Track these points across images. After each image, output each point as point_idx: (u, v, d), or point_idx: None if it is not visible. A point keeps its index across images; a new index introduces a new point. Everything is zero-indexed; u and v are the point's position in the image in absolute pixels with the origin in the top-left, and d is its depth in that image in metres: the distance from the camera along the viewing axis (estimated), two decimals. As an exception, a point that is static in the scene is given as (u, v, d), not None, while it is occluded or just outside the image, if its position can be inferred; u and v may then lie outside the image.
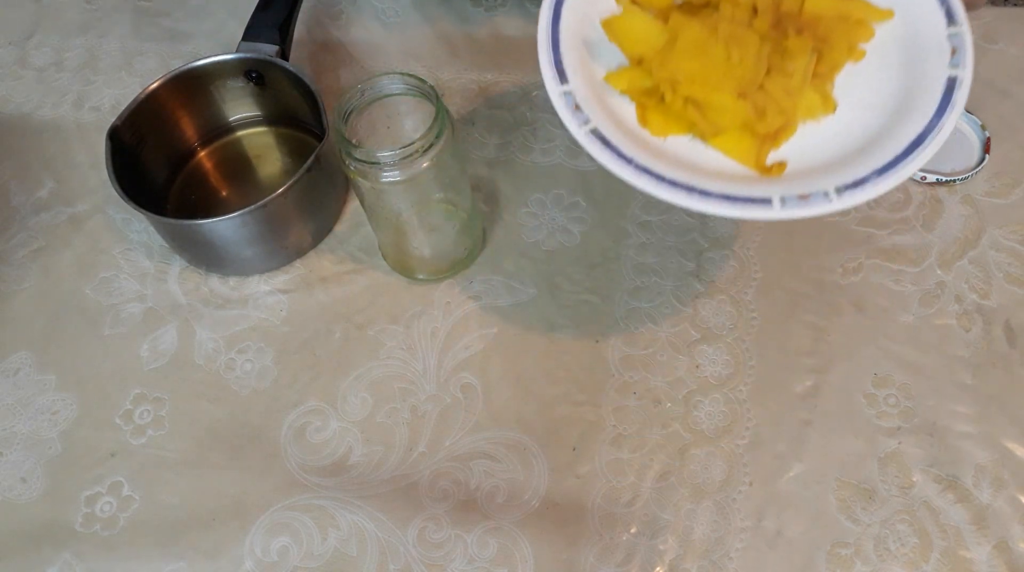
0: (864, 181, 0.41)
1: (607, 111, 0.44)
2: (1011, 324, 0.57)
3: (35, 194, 0.70)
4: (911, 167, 0.42)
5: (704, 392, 0.56)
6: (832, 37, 0.45)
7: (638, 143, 0.43)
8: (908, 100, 0.44)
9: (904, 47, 0.46)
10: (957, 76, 0.43)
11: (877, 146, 0.43)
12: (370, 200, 0.56)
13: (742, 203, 0.41)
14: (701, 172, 0.43)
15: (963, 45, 0.44)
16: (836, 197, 0.41)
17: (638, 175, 0.42)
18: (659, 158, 0.43)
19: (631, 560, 0.51)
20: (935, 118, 0.43)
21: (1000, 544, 0.50)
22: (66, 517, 0.55)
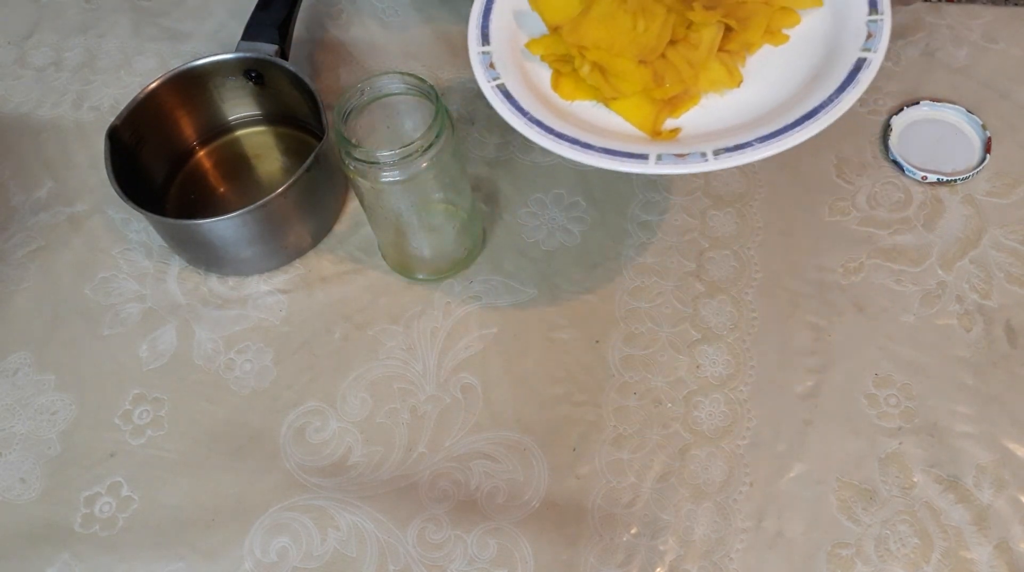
0: (745, 146, 0.42)
1: (521, 73, 0.47)
2: (1012, 324, 0.57)
3: (34, 194, 0.70)
4: (795, 138, 0.42)
5: (704, 392, 0.56)
6: (751, 18, 0.46)
7: (544, 103, 0.46)
8: (816, 79, 0.45)
9: (827, 35, 0.47)
10: (867, 58, 0.44)
11: (772, 117, 0.44)
12: (370, 200, 0.56)
13: (620, 157, 0.43)
14: (593, 130, 0.45)
15: (880, 31, 0.45)
16: (713, 158, 0.43)
17: (529, 126, 0.45)
18: (559, 117, 0.45)
19: (631, 561, 0.51)
20: (835, 94, 0.44)
21: (1001, 544, 0.50)
22: (65, 517, 0.55)
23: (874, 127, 0.66)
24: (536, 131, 0.45)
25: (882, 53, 0.45)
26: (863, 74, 0.44)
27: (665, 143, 0.45)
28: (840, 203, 0.63)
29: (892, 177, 0.64)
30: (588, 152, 0.44)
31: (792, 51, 0.48)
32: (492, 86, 0.47)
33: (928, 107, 0.66)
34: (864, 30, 0.46)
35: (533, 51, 0.50)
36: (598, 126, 0.47)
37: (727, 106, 0.47)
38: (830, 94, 0.44)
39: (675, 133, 0.46)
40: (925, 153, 0.64)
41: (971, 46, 0.70)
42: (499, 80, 0.47)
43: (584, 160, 0.44)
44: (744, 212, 0.63)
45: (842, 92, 0.44)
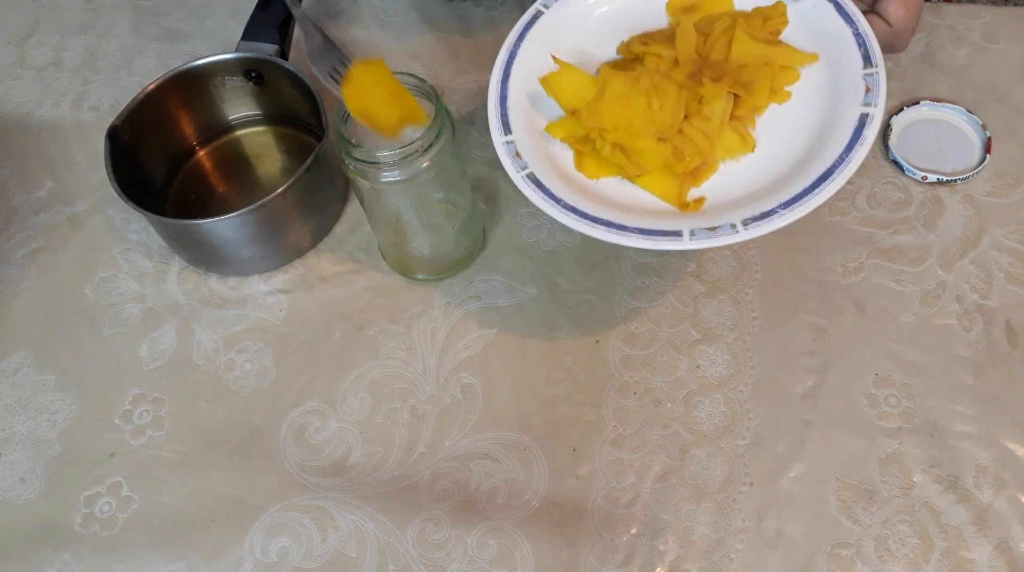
0: (771, 214, 0.45)
1: (546, 157, 0.49)
2: (1012, 324, 0.57)
3: (34, 194, 0.70)
4: (817, 200, 0.44)
5: (704, 392, 0.56)
6: (755, 82, 0.49)
7: (571, 185, 0.48)
8: (823, 136, 0.47)
9: (826, 88, 0.49)
10: (869, 113, 0.46)
11: (789, 180, 0.46)
12: (370, 200, 0.56)
13: (655, 236, 0.45)
14: (624, 209, 0.47)
15: (877, 85, 0.47)
16: (743, 229, 0.45)
17: (564, 213, 0.47)
18: (588, 198, 0.47)
19: (631, 561, 0.51)
20: (844, 153, 0.46)
21: (1001, 544, 0.50)
22: (65, 517, 0.55)
23: (874, 127, 0.66)
24: (572, 218, 0.46)
25: (882, 106, 0.46)
26: (868, 130, 0.46)
27: (695, 217, 0.46)
28: (840, 203, 0.63)
29: (892, 177, 0.64)
30: (625, 234, 0.45)
31: (795, 106, 0.49)
32: (522, 176, 0.48)
33: (928, 107, 0.66)
34: (862, 84, 0.47)
35: (553, 135, 0.51)
36: (625, 203, 0.48)
37: (745, 169, 0.48)
38: (840, 153, 0.46)
39: (700, 202, 0.48)
40: (925, 153, 0.64)
41: (971, 46, 0.70)
42: (527, 170, 0.48)
43: (622, 242, 0.45)
44: (744, 212, 0.63)
45: (851, 150, 0.45)
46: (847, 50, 0.49)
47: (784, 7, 0.52)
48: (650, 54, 0.50)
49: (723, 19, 0.51)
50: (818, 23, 0.51)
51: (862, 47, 0.49)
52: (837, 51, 0.49)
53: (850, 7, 0.50)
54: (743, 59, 0.49)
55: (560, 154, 0.50)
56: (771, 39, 0.51)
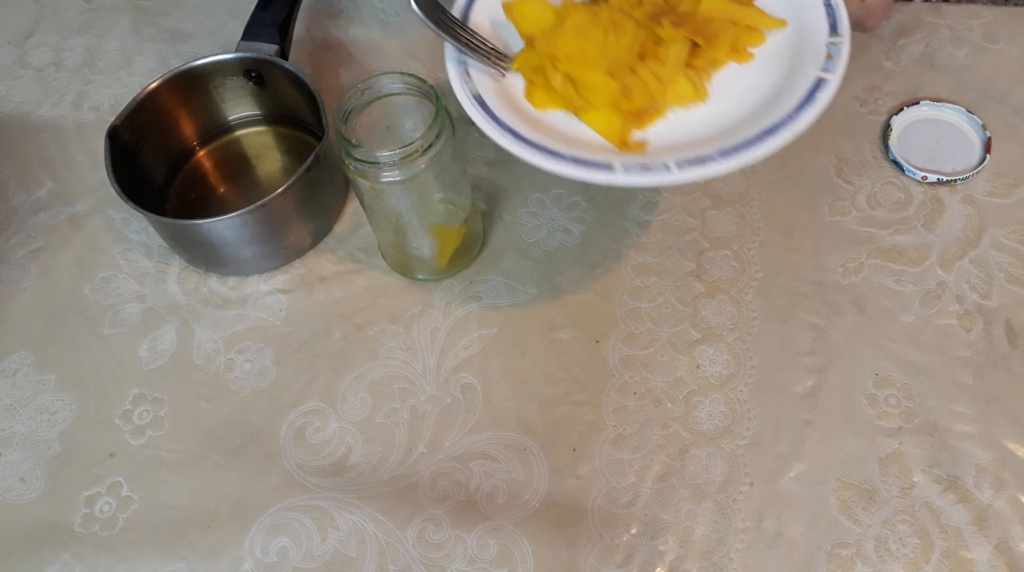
0: (707, 159, 0.44)
1: (496, 82, 0.49)
2: (1012, 324, 0.57)
3: (34, 194, 0.70)
4: (755, 153, 0.44)
5: (704, 392, 0.56)
6: (718, 37, 0.49)
7: (515, 111, 0.48)
8: (777, 96, 0.47)
9: (790, 54, 0.49)
10: (826, 79, 0.46)
11: (734, 132, 0.46)
12: (370, 200, 0.56)
13: (587, 166, 0.45)
14: (564, 141, 0.47)
15: (839, 53, 0.47)
16: (676, 170, 0.44)
17: (502, 134, 0.47)
18: (531, 126, 0.47)
19: (631, 561, 0.51)
20: (794, 112, 0.45)
21: (1001, 544, 0.50)
22: (65, 517, 0.55)
23: (874, 127, 0.66)
24: (509, 139, 0.46)
25: (840, 74, 0.46)
26: (821, 94, 0.46)
27: (631, 155, 0.46)
28: (840, 203, 0.63)
29: (892, 177, 0.64)
30: (558, 160, 0.45)
31: (756, 69, 0.50)
32: (468, 95, 0.49)
33: (928, 107, 0.66)
34: (824, 51, 0.47)
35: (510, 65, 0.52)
36: (568, 135, 0.48)
37: (693, 120, 0.48)
38: (789, 112, 0.45)
39: (642, 145, 0.48)
40: (925, 153, 0.64)
41: (971, 46, 0.70)
42: (474, 89, 0.49)
43: (553, 168, 0.45)
44: (744, 212, 0.63)
45: (801, 110, 0.45)
46: (816, 19, 0.49)
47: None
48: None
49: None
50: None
51: (831, 16, 0.49)
52: (807, 19, 0.50)
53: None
54: (711, 13, 0.50)
55: (513, 84, 0.50)
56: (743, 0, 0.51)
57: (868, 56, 0.70)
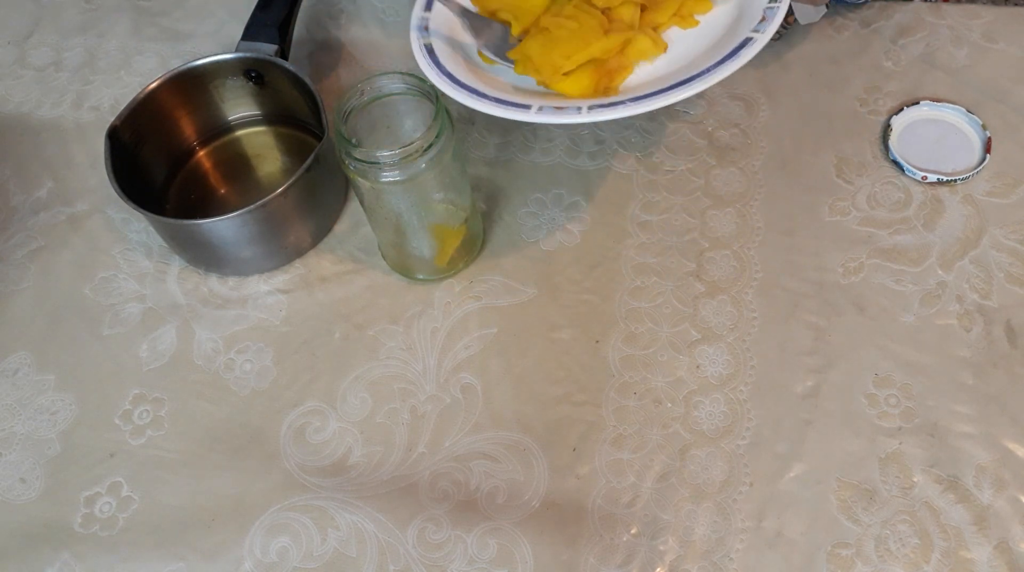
0: (616, 103, 0.47)
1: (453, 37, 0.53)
2: (1012, 324, 0.57)
3: (34, 194, 0.70)
4: (663, 100, 0.46)
5: (704, 392, 0.56)
6: (663, 3, 0.51)
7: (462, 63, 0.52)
8: (706, 54, 0.49)
9: (734, 21, 0.51)
10: (753, 38, 0.48)
11: (651, 83, 0.48)
12: (370, 200, 0.56)
13: (507, 106, 0.48)
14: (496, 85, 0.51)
15: (773, 17, 0.48)
16: (587, 112, 0.47)
17: (440, 77, 0.51)
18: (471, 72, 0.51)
19: (631, 561, 0.51)
20: (713, 66, 0.47)
21: (1001, 544, 0.50)
22: (65, 517, 0.55)
23: (874, 127, 0.66)
24: (445, 81, 0.51)
25: (768, 35, 0.48)
26: (745, 50, 0.47)
27: (547, 98, 0.49)
28: (840, 203, 0.63)
29: (892, 177, 0.64)
30: (483, 100, 0.49)
31: (697, 32, 0.52)
32: (420, 45, 0.53)
33: (928, 107, 0.66)
34: (759, 14, 0.49)
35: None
36: (504, 82, 0.52)
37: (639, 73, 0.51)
38: (709, 65, 0.47)
39: None
40: (925, 153, 0.64)
41: (971, 46, 0.70)
42: (427, 41, 0.53)
43: (476, 106, 0.49)
44: (744, 212, 0.63)
45: (719, 65, 0.47)
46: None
47: None
48: None
49: None
50: None
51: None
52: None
53: None
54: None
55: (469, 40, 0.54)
56: None
57: (868, 56, 0.70)
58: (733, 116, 0.67)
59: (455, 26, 0.55)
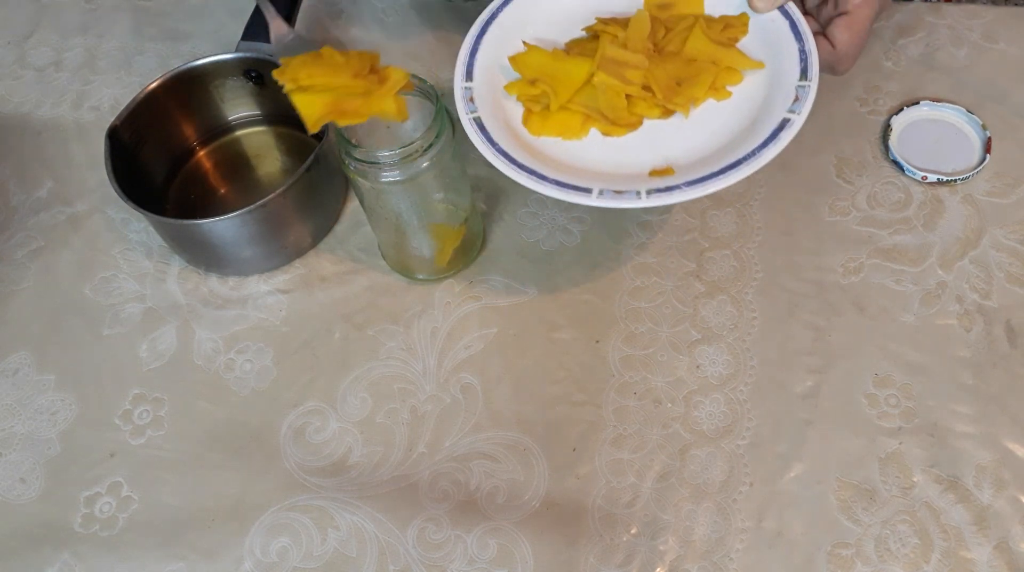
0: (674, 189, 0.48)
1: (498, 109, 0.54)
2: (1012, 324, 0.57)
3: (34, 194, 0.70)
4: (718, 184, 0.48)
5: (704, 392, 0.56)
6: (700, 76, 0.53)
7: (513, 136, 0.53)
8: (746, 133, 0.51)
9: (764, 94, 0.53)
10: (791, 119, 0.50)
11: (701, 164, 0.50)
12: (370, 200, 0.56)
13: (568, 189, 0.49)
14: (552, 165, 0.51)
15: (806, 96, 0.50)
16: (646, 197, 0.48)
17: (496, 156, 0.51)
18: (524, 150, 0.52)
19: (631, 561, 0.51)
20: (757, 149, 0.49)
21: (1001, 544, 0.50)
22: (65, 517, 0.55)
23: (874, 127, 0.66)
24: (502, 161, 0.51)
25: (804, 116, 0.49)
26: (784, 133, 0.49)
27: (605, 179, 0.50)
28: (840, 203, 0.63)
29: (892, 177, 0.64)
30: (543, 183, 0.50)
31: (732, 106, 0.53)
32: (470, 118, 0.53)
33: (928, 107, 0.66)
34: (794, 93, 0.51)
35: (510, 92, 0.55)
36: (558, 160, 0.52)
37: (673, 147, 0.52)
38: (753, 148, 0.49)
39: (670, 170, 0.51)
40: (925, 153, 0.64)
41: (971, 46, 0.70)
42: (476, 114, 0.53)
43: (536, 188, 0.49)
44: (744, 212, 0.63)
45: (763, 148, 0.49)
46: (790, 63, 0.53)
47: (747, 18, 0.55)
48: (606, 32, 0.54)
49: (687, 18, 0.55)
50: (771, 35, 0.54)
51: (803, 62, 0.52)
52: (782, 62, 0.53)
53: (803, 26, 0.54)
54: (694, 54, 0.54)
55: (512, 110, 0.54)
56: (726, 43, 0.55)
57: (868, 56, 0.70)
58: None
59: (497, 90, 0.55)
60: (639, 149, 0.53)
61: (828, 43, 0.54)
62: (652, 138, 0.53)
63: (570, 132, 0.53)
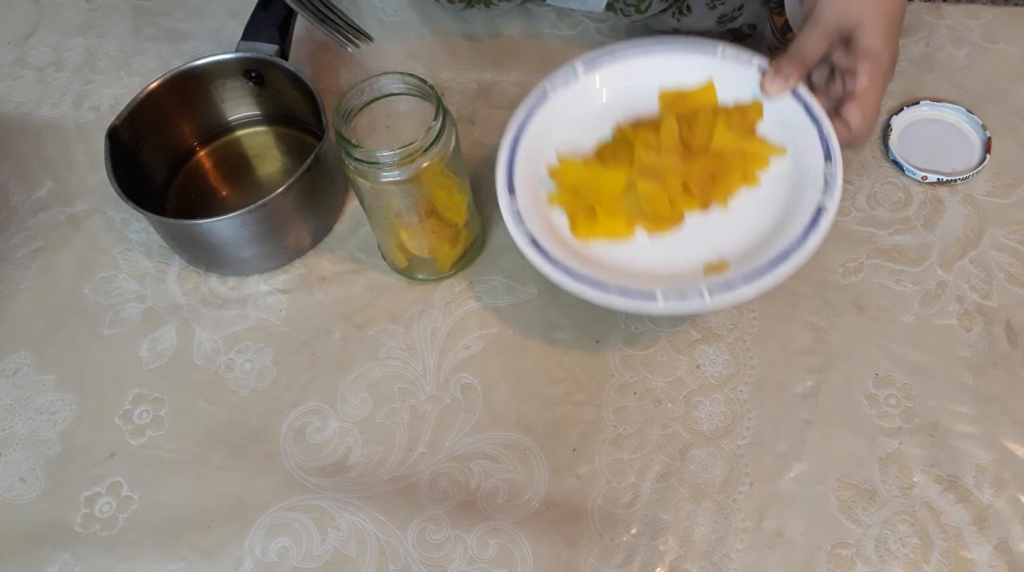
0: (733, 285, 0.50)
1: (544, 219, 0.55)
2: (1012, 324, 0.57)
3: (34, 194, 0.70)
4: (775, 278, 0.50)
5: (704, 392, 0.56)
6: (731, 168, 0.55)
7: (563, 245, 0.54)
8: (785, 218, 0.53)
9: (790, 176, 0.55)
10: (825, 205, 0.52)
11: (754, 256, 0.52)
12: (370, 200, 0.56)
13: (634, 297, 0.50)
14: (607, 269, 0.53)
15: (834, 180, 0.52)
16: (709, 297, 0.50)
17: (556, 272, 0.52)
18: (579, 259, 0.53)
19: (631, 561, 0.51)
20: (800, 238, 0.51)
21: (1001, 544, 0.50)
22: (65, 517, 0.55)
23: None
24: (565, 276, 0.51)
25: (837, 200, 0.52)
26: (823, 220, 0.51)
27: (667, 281, 0.51)
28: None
29: (892, 177, 0.64)
30: (607, 294, 0.50)
31: (764, 190, 0.55)
32: (526, 240, 0.53)
33: (928, 107, 0.66)
34: (822, 178, 0.53)
35: (552, 203, 0.56)
36: (610, 264, 0.54)
37: (720, 238, 0.54)
38: (797, 236, 0.51)
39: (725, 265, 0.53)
40: (925, 153, 0.64)
41: (971, 46, 0.70)
42: (530, 233, 0.53)
43: (603, 302, 0.50)
44: (744, 212, 0.63)
45: (807, 237, 0.51)
46: (812, 146, 0.54)
47: (761, 105, 0.57)
48: (640, 140, 0.56)
49: (706, 111, 0.57)
50: (788, 119, 0.56)
51: (824, 146, 0.54)
52: (803, 145, 0.55)
53: (817, 110, 0.55)
54: (722, 147, 0.56)
55: (556, 216, 0.56)
56: (747, 131, 0.57)
57: (868, 56, 0.70)
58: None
59: (540, 201, 0.56)
60: (687, 245, 0.54)
61: (842, 124, 0.55)
62: (697, 233, 0.54)
63: (617, 233, 0.54)
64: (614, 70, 0.59)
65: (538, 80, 0.59)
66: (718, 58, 0.58)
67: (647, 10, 0.65)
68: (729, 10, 0.64)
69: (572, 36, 0.73)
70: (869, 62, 0.53)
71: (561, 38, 0.73)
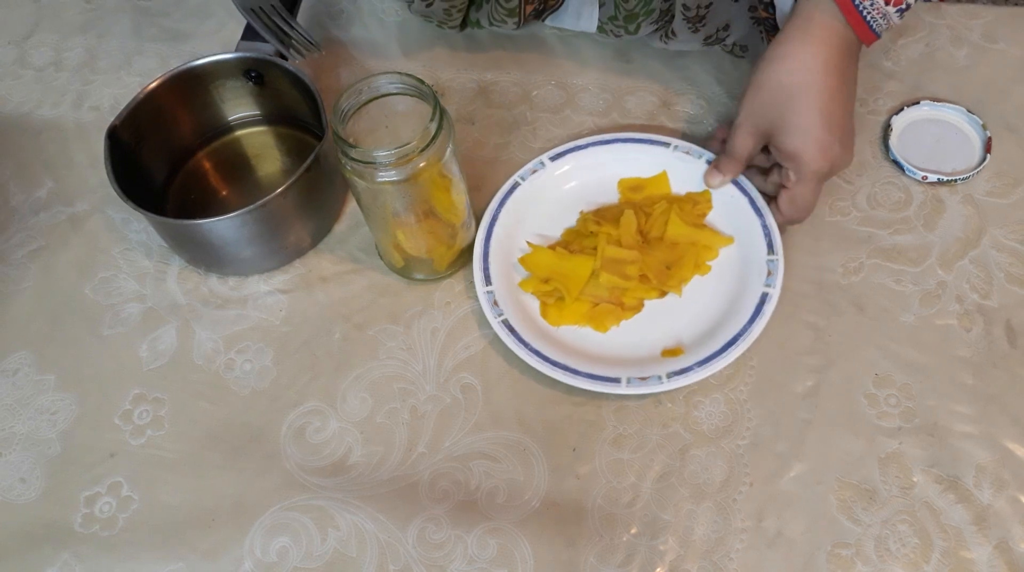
0: (688, 370, 0.54)
1: (517, 304, 0.59)
2: (1012, 324, 0.57)
3: (34, 194, 0.70)
4: (725, 361, 0.54)
5: (704, 392, 0.56)
6: (685, 258, 0.60)
7: (535, 329, 0.58)
8: (734, 305, 0.58)
9: (737, 264, 0.60)
10: (769, 293, 0.56)
11: (706, 341, 0.56)
12: (367, 200, 0.56)
13: (601, 381, 0.55)
14: (574, 352, 0.57)
15: (776, 269, 0.57)
16: (667, 380, 0.54)
17: (530, 355, 0.56)
18: (548, 342, 0.57)
19: (631, 560, 0.51)
20: (747, 325, 0.56)
21: (1001, 544, 0.50)
22: (65, 517, 0.55)
23: (874, 127, 0.66)
24: (537, 360, 0.56)
25: (778, 288, 0.56)
26: (766, 306, 0.56)
27: (629, 368, 0.56)
28: (840, 203, 0.63)
29: (892, 177, 0.64)
30: (577, 377, 0.55)
31: (715, 279, 0.60)
32: (499, 322, 0.57)
33: (928, 107, 0.66)
34: (765, 268, 0.58)
35: (525, 289, 0.60)
36: (576, 347, 0.58)
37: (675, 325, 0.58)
38: (744, 324, 0.56)
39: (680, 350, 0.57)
40: (925, 153, 0.64)
41: (971, 46, 0.70)
42: (503, 316, 0.57)
43: (574, 384, 0.54)
44: (744, 212, 0.63)
45: (752, 323, 0.56)
46: (756, 237, 0.59)
47: (710, 195, 0.62)
48: (602, 234, 0.60)
49: (661, 202, 0.62)
50: (734, 210, 0.61)
51: (767, 237, 0.59)
52: (748, 235, 0.60)
53: (760, 202, 0.60)
54: (675, 238, 0.60)
55: (529, 302, 0.60)
56: (698, 222, 0.61)
57: (868, 56, 0.70)
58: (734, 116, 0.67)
59: (513, 288, 0.60)
60: (646, 330, 0.58)
61: (778, 211, 0.59)
62: (655, 318, 0.59)
63: (584, 320, 0.59)
64: (578, 161, 0.64)
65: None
66: (671, 150, 0.64)
67: (636, 32, 0.66)
68: (713, 31, 0.66)
69: (572, 35, 0.73)
70: (791, 162, 0.56)
71: (561, 38, 0.73)
